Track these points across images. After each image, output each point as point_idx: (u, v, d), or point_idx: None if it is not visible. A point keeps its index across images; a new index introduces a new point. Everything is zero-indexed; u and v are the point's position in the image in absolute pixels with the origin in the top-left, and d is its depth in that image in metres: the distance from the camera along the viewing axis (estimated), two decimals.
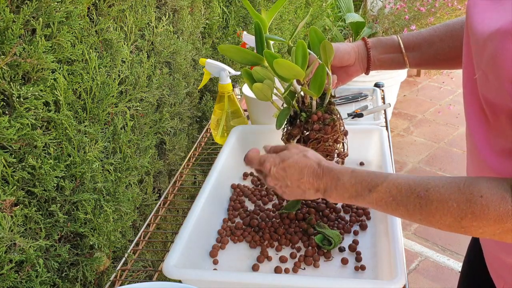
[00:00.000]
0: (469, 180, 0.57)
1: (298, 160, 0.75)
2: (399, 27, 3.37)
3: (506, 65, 0.51)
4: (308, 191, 0.74)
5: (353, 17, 3.24)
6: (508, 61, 0.50)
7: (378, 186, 0.64)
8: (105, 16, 1.00)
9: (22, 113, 0.77)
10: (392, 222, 0.86)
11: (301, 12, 2.38)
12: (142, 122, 1.18)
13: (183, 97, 1.39)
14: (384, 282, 0.74)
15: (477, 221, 0.55)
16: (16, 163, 0.79)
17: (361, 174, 0.68)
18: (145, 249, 1.06)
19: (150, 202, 1.26)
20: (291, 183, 0.75)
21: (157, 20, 1.22)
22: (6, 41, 0.73)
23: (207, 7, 1.50)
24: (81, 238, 0.97)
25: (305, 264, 0.87)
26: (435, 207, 0.58)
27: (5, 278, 0.76)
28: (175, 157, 1.39)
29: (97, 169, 0.96)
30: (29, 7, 0.76)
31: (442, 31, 0.85)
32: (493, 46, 0.52)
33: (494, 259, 0.73)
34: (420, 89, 3.76)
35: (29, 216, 0.83)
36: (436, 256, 2.10)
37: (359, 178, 0.67)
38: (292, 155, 0.76)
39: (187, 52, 1.36)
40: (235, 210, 1.04)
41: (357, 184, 0.67)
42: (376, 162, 1.15)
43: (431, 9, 3.30)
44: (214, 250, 0.91)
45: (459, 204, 0.56)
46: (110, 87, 0.98)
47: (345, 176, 0.69)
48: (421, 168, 2.72)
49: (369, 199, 0.66)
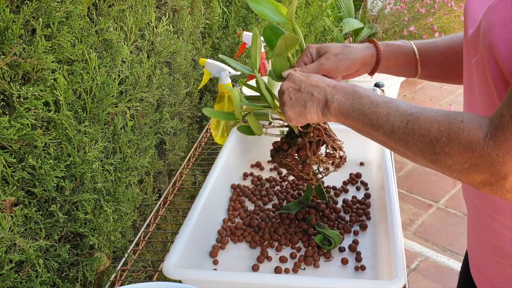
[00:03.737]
0: (459, 111, 0.59)
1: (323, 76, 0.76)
2: (399, 28, 3.38)
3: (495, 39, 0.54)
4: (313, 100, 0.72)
5: (351, 25, 3.24)
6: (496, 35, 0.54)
7: (381, 102, 0.65)
8: (105, 16, 1.00)
9: (22, 113, 0.77)
10: (392, 222, 0.86)
11: (301, 12, 2.38)
12: (142, 122, 1.18)
13: (183, 97, 1.39)
14: (384, 282, 0.74)
15: (449, 145, 0.55)
16: (16, 163, 0.79)
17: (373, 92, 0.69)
18: (145, 249, 1.06)
19: (150, 202, 1.26)
20: (304, 87, 0.74)
21: (157, 20, 1.22)
22: (6, 41, 0.73)
23: (207, 7, 1.50)
24: (81, 238, 0.96)
25: (305, 264, 0.87)
26: (419, 125, 0.59)
27: (5, 278, 0.76)
28: (175, 157, 1.39)
29: (97, 169, 0.96)
30: (29, 7, 0.76)
31: (458, 43, 0.82)
32: (484, 22, 0.57)
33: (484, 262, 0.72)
34: (420, 89, 3.76)
35: (29, 216, 0.83)
36: (436, 256, 2.10)
37: (370, 93, 0.68)
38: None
39: (187, 52, 1.36)
40: (235, 210, 1.03)
41: (363, 97, 0.67)
42: (376, 162, 1.15)
43: (430, 9, 3.30)
44: (214, 250, 0.91)
45: (440, 125, 0.57)
46: (110, 87, 0.98)
47: (359, 88, 0.70)
48: (421, 168, 2.72)
49: (366, 111, 0.66)
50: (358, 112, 0.67)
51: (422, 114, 0.59)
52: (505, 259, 0.67)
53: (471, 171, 0.54)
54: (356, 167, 1.18)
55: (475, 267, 0.76)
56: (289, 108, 0.75)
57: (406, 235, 2.23)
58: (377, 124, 0.64)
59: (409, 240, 2.21)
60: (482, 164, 0.53)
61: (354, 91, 0.69)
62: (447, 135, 0.56)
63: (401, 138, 0.61)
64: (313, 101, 0.72)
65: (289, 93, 0.75)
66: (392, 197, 0.93)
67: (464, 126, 0.55)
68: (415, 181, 2.62)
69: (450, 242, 2.17)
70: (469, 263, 0.78)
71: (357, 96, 0.68)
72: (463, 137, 0.54)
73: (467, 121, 0.55)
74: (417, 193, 2.53)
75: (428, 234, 2.24)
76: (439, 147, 0.56)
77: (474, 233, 0.75)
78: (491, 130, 0.53)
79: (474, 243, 0.76)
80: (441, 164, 0.57)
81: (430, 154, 0.58)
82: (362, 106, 0.66)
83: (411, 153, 0.61)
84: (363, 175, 1.14)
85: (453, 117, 0.56)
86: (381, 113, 0.64)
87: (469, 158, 0.54)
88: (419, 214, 2.38)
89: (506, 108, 0.52)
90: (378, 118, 0.64)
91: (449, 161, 0.56)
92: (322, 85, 0.73)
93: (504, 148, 0.51)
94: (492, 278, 0.71)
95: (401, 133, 0.61)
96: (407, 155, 0.62)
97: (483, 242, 0.71)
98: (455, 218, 2.32)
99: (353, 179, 1.13)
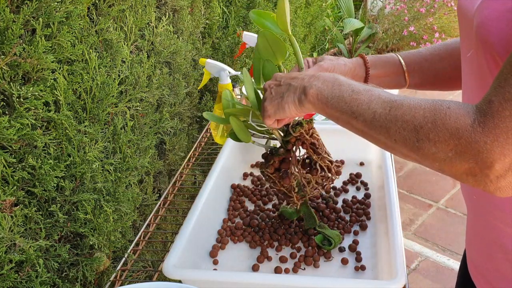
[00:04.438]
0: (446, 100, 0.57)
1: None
2: (399, 28, 3.38)
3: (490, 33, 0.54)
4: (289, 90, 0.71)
5: (351, 25, 3.24)
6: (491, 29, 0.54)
7: (363, 90, 0.63)
8: (105, 16, 1.00)
9: (22, 113, 0.77)
10: (392, 222, 0.86)
11: (301, 12, 2.38)
12: (142, 122, 1.18)
13: (183, 97, 1.39)
14: (384, 282, 0.74)
15: (434, 131, 0.53)
16: (16, 163, 0.79)
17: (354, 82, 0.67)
18: (145, 249, 1.06)
19: (150, 202, 1.26)
20: (284, 81, 0.73)
21: (157, 20, 1.22)
22: (6, 41, 0.73)
23: (207, 7, 1.50)
24: (81, 238, 0.96)
25: (305, 264, 0.87)
26: (403, 112, 0.57)
27: (5, 278, 0.76)
28: (175, 157, 1.39)
29: (97, 169, 0.96)
30: (29, 7, 0.76)
31: (442, 50, 0.84)
32: (478, 17, 0.57)
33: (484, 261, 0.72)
34: None
35: (29, 216, 0.83)
36: (436, 256, 2.10)
37: (351, 81, 0.66)
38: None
39: (187, 52, 1.36)
40: (235, 210, 1.04)
41: (344, 84, 0.66)
42: (376, 162, 1.15)
43: (430, 9, 3.31)
44: (214, 250, 0.91)
45: (425, 111, 0.55)
46: (110, 87, 0.98)
47: (340, 77, 0.68)
48: (421, 168, 2.72)
49: (346, 98, 0.64)
50: (338, 99, 0.65)
51: (406, 101, 0.58)
52: (501, 254, 0.67)
53: (456, 159, 0.53)
54: (356, 167, 1.18)
55: (471, 263, 0.76)
56: (269, 102, 0.74)
57: (406, 235, 2.23)
58: (357, 111, 0.62)
59: (409, 240, 2.21)
60: (468, 152, 0.51)
61: (334, 78, 0.67)
62: (433, 121, 0.54)
63: (382, 125, 0.59)
64: (290, 91, 0.71)
65: (270, 89, 0.74)
66: (392, 197, 0.93)
67: (450, 112, 0.53)
68: (415, 181, 2.62)
69: (450, 242, 2.17)
70: (467, 259, 0.78)
71: (337, 83, 0.66)
72: (449, 123, 0.53)
73: (454, 108, 0.54)
74: (417, 193, 2.53)
75: (428, 234, 2.24)
76: (423, 134, 0.54)
77: (471, 228, 0.75)
78: (479, 117, 0.51)
79: (471, 238, 0.76)
80: (424, 152, 0.55)
81: (413, 142, 0.56)
82: (342, 93, 0.64)
83: (392, 141, 0.58)
84: (363, 175, 1.14)
85: (439, 104, 0.55)
86: (362, 100, 0.62)
87: (454, 146, 0.52)
88: (419, 214, 2.38)
89: (494, 95, 0.51)
90: (358, 105, 0.62)
91: (432, 149, 0.54)
92: (301, 76, 0.71)
93: (492, 135, 0.50)
94: (487, 273, 0.71)
95: (383, 120, 0.59)
96: (387, 144, 0.60)
97: (479, 237, 0.71)
98: (455, 218, 2.32)
99: (353, 179, 1.13)
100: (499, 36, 0.54)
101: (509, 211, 0.63)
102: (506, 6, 0.54)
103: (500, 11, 0.54)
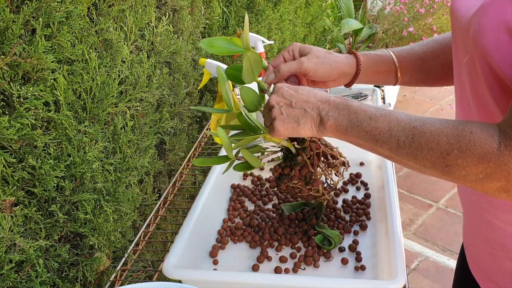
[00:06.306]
0: (464, 121, 0.59)
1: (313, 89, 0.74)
2: (399, 28, 3.38)
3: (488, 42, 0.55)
4: (306, 117, 0.71)
5: (349, 25, 3.23)
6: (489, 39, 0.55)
7: (379, 116, 0.64)
8: (105, 16, 1.00)
9: (22, 113, 0.77)
10: (392, 222, 0.86)
11: (301, 12, 2.38)
12: (142, 122, 1.18)
13: (183, 97, 1.39)
14: (384, 282, 0.74)
15: (462, 157, 0.55)
16: (16, 163, 0.79)
17: (366, 105, 0.67)
18: (145, 249, 1.06)
19: (150, 202, 1.26)
20: (296, 103, 0.72)
21: (157, 20, 1.22)
22: (6, 41, 0.73)
23: (207, 7, 1.50)
24: (81, 238, 0.96)
25: (305, 264, 0.87)
26: (426, 139, 0.58)
27: (5, 278, 0.76)
28: (175, 157, 1.39)
29: (97, 169, 0.96)
30: (29, 7, 0.76)
31: (435, 47, 0.83)
32: (475, 24, 0.57)
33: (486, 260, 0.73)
34: (420, 89, 3.76)
35: (29, 216, 0.83)
36: (436, 256, 2.10)
37: (364, 106, 0.67)
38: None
39: (187, 52, 1.36)
40: (235, 210, 1.04)
41: (359, 112, 0.66)
42: (376, 162, 1.15)
43: (430, 9, 3.31)
44: (214, 250, 0.91)
45: (448, 138, 0.57)
46: (110, 87, 0.98)
47: (352, 102, 0.68)
48: None
49: (366, 127, 0.64)
50: (358, 129, 0.66)
51: (427, 127, 0.59)
52: (503, 253, 0.67)
53: (487, 180, 0.55)
54: (356, 167, 1.18)
55: (473, 262, 0.76)
56: (281, 123, 0.72)
57: (406, 235, 2.23)
58: (380, 140, 0.63)
59: (409, 240, 2.21)
60: (498, 173, 0.54)
61: (347, 105, 0.68)
62: (458, 147, 0.56)
63: (409, 153, 0.61)
64: (307, 118, 0.71)
65: (280, 108, 0.73)
66: (392, 197, 0.93)
67: (475, 137, 0.55)
68: (415, 181, 2.62)
69: (450, 242, 2.17)
70: (467, 258, 0.78)
71: (353, 111, 0.67)
72: (475, 149, 0.55)
73: (477, 132, 0.55)
74: (417, 193, 2.53)
75: (428, 234, 2.24)
76: (451, 160, 0.56)
77: (470, 228, 0.75)
78: (504, 140, 0.53)
79: (470, 238, 0.76)
80: (455, 176, 0.58)
81: (443, 167, 0.58)
82: (361, 122, 0.65)
83: (421, 166, 0.60)
84: (363, 175, 1.14)
85: (461, 128, 0.57)
86: (383, 128, 0.63)
87: (484, 169, 0.54)
88: (419, 214, 2.38)
89: None
90: (380, 133, 0.63)
91: (463, 172, 0.56)
92: (314, 100, 0.71)
93: None
94: (490, 272, 0.71)
95: (408, 148, 0.60)
96: (415, 168, 0.62)
97: (480, 236, 0.71)
98: (455, 218, 2.32)
99: (353, 179, 1.13)
100: (496, 47, 0.55)
101: (509, 211, 0.63)
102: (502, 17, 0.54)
103: (500, 22, 0.54)
